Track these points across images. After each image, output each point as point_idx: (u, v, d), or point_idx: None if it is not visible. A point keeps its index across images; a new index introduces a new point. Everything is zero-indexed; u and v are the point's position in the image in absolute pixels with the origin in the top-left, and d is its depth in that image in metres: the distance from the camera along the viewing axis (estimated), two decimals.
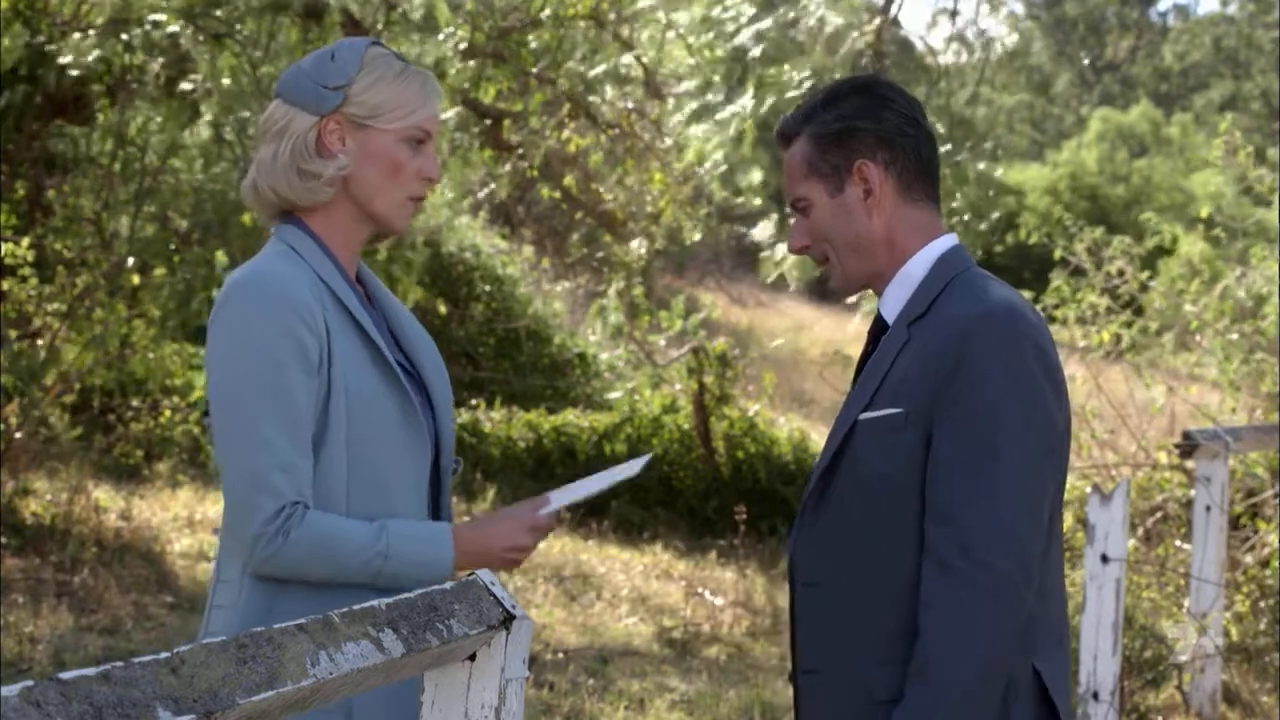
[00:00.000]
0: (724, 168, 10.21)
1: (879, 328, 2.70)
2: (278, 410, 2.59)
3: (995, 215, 15.05)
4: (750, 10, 9.92)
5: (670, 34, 10.22)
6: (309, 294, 2.64)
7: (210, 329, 2.67)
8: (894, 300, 2.67)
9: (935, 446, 2.51)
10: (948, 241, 2.69)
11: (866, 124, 2.65)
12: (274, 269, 2.67)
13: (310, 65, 2.77)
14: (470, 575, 2.43)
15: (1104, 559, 5.81)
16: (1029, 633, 2.52)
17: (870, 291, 2.79)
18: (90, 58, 8.31)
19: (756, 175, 10.87)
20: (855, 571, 2.59)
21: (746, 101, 10.17)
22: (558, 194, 11.57)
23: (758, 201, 11.21)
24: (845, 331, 19.13)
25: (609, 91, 9.94)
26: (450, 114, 10.24)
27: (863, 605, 2.57)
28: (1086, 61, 47.45)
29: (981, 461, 2.48)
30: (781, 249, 13.61)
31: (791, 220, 2.80)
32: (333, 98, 2.72)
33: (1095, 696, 5.76)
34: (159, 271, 9.70)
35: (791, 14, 12.23)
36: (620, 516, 11.05)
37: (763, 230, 11.30)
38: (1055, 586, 2.62)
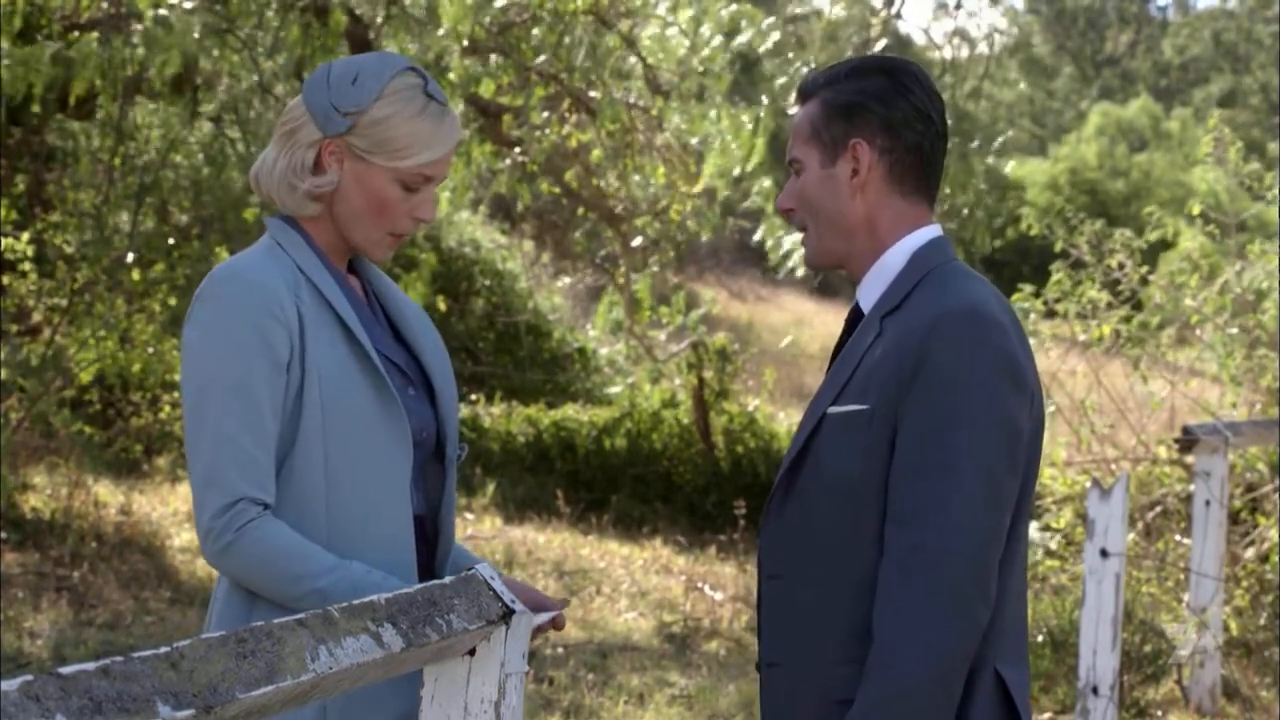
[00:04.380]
0: (736, 170, 10.19)
1: (855, 317, 2.68)
2: (237, 406, 2.57)
3: (1002, 210, 15.03)
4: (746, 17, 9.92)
5: (671, 31, 10.22)
6: (281, 285, 2.63)
7: (185, 324, 2.67)
8: (870, 290, 2.65)
9: (897, 448, 2.49)
10: (929, 233, 2.66)
11: (876, 106, 2.62)
12: (249, 263, 2.67)
13: (335, 78, 2.72)
14: (470, 570, 2.42)
15: (1103, 553, 5.81)
16: (989, 636, 2.49)
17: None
18: (91, 50, 8.30)
19: (766, 181, 10.86)
20: (817, 567, 2.57)
21: (760, 102, 10.19)
22: (557, 189, 11.56)
23: (761, 202, 11.20)
24: None
25: (610, 86, 9.93)
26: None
27: (824, 601, 2.56)
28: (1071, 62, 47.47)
29: (938, 464, 2.46)
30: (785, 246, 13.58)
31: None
32: (340, 123, 2.69)
33: (1095, 691, 5.76)
34: (159, 266, 9.70)
35: (796, 9, 12.21)
36: (620, 511, 11.05)
37: (766, 232, 11.27)
38: (1018, 590, 2.59)
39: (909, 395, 2.49)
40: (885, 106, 2.63)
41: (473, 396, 12.48)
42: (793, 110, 2.72)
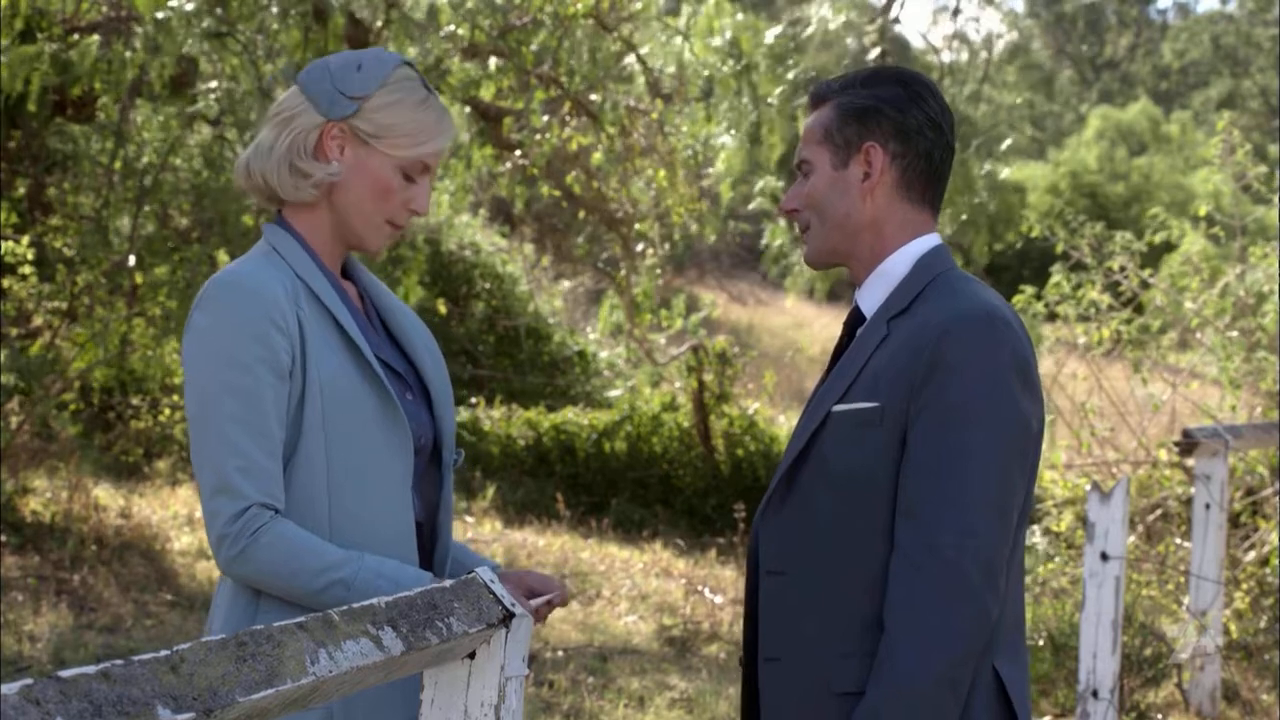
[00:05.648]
0: (737, 171, 10.22)
1: (855, 320, 2.73)
2: (243, 413, 2.57)
3: (1002, 215, 15.06)
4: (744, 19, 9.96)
5: (671, 36, 10.23)
6: (281, 293, 2.63)
7: (185, 331, 2.67)
8: (873, 294, 2.70)
9: (909, 445, 2.54)
10: (931, 240, 2.72)
11: (891, 111, 2.69)
12: (248, 270, 2.66)
13: (336, 67, 2.75)
14: (470, 574, 2.42)
15: (1104, 556, 5.81)
16: (991, 633, 2.53)
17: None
18: (91, 57, 8.30)
19: (771, 181, 10.89)
20: (821, 562, 2.60)
21: (770, 101, 10.22)
22: (558, 192, 11.57)
23: (767, 204, 11.23)
24: None
25: (612, 90, 9.95)
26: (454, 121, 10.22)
27: (828, 596, 2.59)
28: (1072, 65, 47.46)
29: (953, 462, 2.50)
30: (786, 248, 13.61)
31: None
32: (346, 106, 2.71)
33: (1095, 694, 5.76)
34: (159, 270, 9.69)
35: (796, 13, 12.25)
36: (620, 514, 11.05)
37: (771, 236, 11.32)
38: (1016, 588, 2.64)
39: (923, 394, 2.54)
40: (900, 113, 2.69)
41: (472, 400, 12.48)
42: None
